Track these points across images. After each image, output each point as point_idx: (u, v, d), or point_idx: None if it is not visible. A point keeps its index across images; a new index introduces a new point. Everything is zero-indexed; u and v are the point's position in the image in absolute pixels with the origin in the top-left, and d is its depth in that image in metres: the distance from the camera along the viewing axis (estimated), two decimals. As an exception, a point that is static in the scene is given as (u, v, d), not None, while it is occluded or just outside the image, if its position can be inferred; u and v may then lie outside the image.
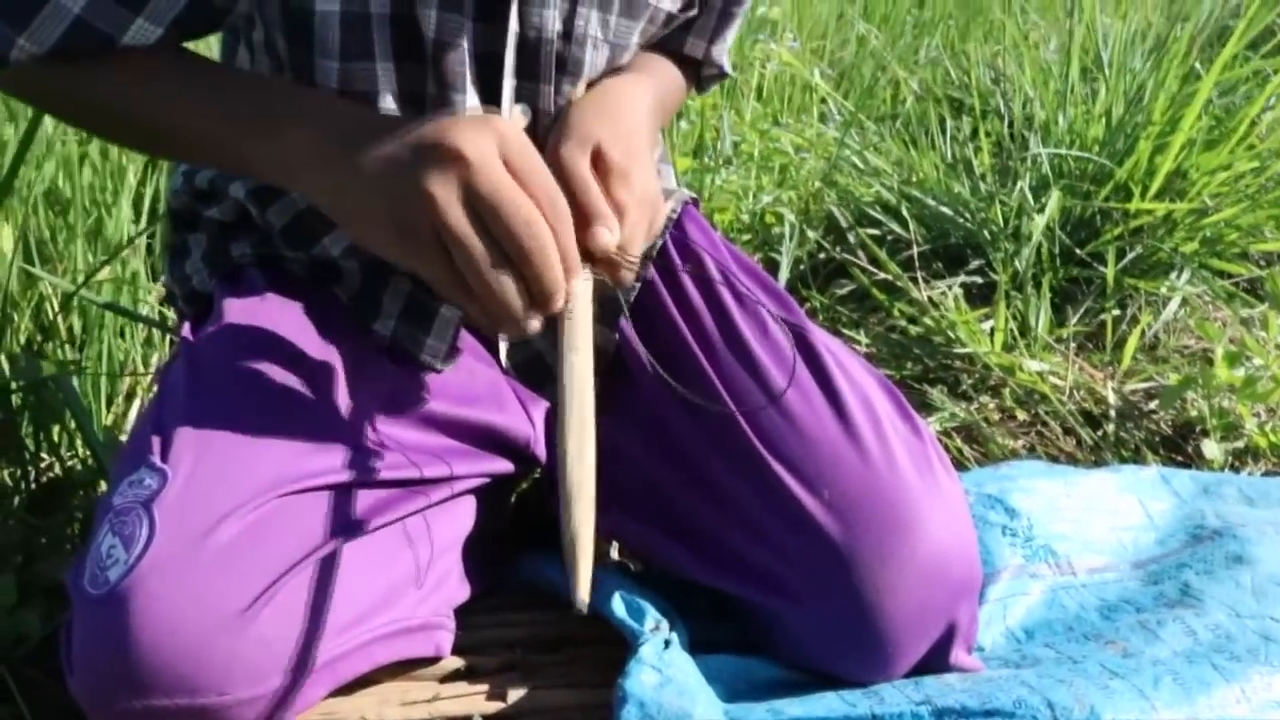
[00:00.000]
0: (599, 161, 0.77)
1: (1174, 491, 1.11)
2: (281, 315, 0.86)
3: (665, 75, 0.99)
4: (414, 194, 0.66)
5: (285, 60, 0.82)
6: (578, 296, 0.72)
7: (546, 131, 0.83)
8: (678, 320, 0.92)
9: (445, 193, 0.66)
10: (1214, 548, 1.01)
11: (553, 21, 0.83)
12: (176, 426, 0.75)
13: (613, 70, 0.92)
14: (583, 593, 0.65)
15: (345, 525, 0.77)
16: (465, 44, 0.81)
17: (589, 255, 0.74)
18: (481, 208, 0.66)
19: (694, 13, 0.95)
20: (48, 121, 1.65)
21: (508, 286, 0.67)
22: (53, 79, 0.81)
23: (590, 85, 0.89)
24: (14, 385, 1.17)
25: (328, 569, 0.74)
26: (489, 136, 0.67)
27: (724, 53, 1.04)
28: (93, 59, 0.79)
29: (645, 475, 0.91)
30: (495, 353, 0.96)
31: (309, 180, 0.73)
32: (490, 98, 0.84)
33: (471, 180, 0.66)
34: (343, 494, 0.77)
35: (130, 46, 0.78)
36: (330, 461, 0.77)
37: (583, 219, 0.73)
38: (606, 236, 0.74)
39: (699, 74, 1.06)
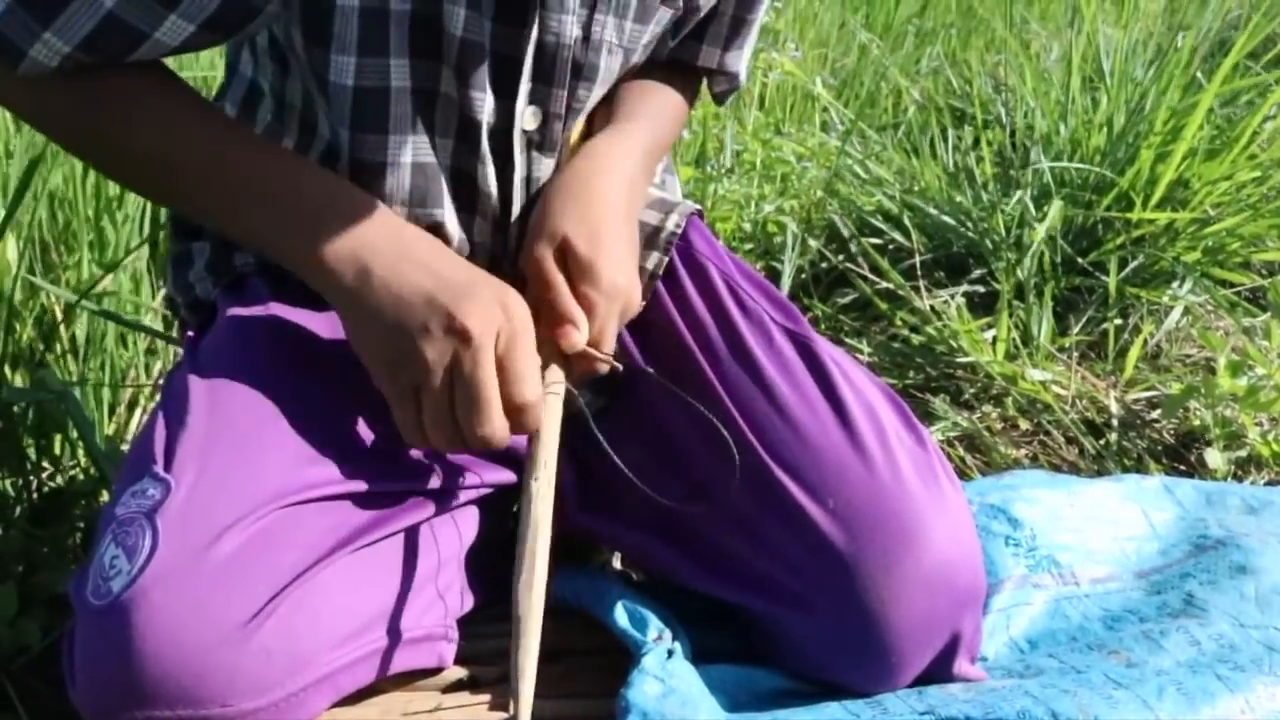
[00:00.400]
0: (566, 256, 0.83)
1: (1177, 501, 1.10)
2: (284, 324, 0.86)
3: (660, 110, 0.98)
4: (412, 350, 0.74)
5: (300, 57, 0.82)
6: (546, 418, 0.79)
7: (555, 133, 0.86)
8: (682, 330, 0.92)
9: (437, 359, 0.74)
10: (1217, 558, 1.01)
11: (571, 27, 0.83)
12: (180, 437, 0.75)
13: (624, 75, 0.92)
14: (526, 710, 0.71)
15: (348, 536, 0.76)
16: (486, 44, 0.81)
17: (562, 354, 0.81)
18: (457, 384, 0.74)
19: (700, 14, 0.94)
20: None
21: (459, 441, 0.76)
22: (64, 96, 0.79)
23: (583, 137, 0.93)
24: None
25: (330, 580, 0.74)
26: (495, 323, 0.75)
27: (740, 61, 1.04)
28: (103, 84, 0.78)
29: (646, 483, 0.91)
30: None
31: (325, 281, 0.78)
32: (503, 98, 0.84)
33: (463, 360, 0.74)
34: (346, 505, 0.77)
35: (148, 64, 0.79)
36: (333, 472, 0.77)
37: (554, 319, 0.81)
38: (575, 336, 0.81)
39: (711, 85, 1.06)
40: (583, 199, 0.86)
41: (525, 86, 0.84)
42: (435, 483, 0.84)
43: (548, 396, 0.79)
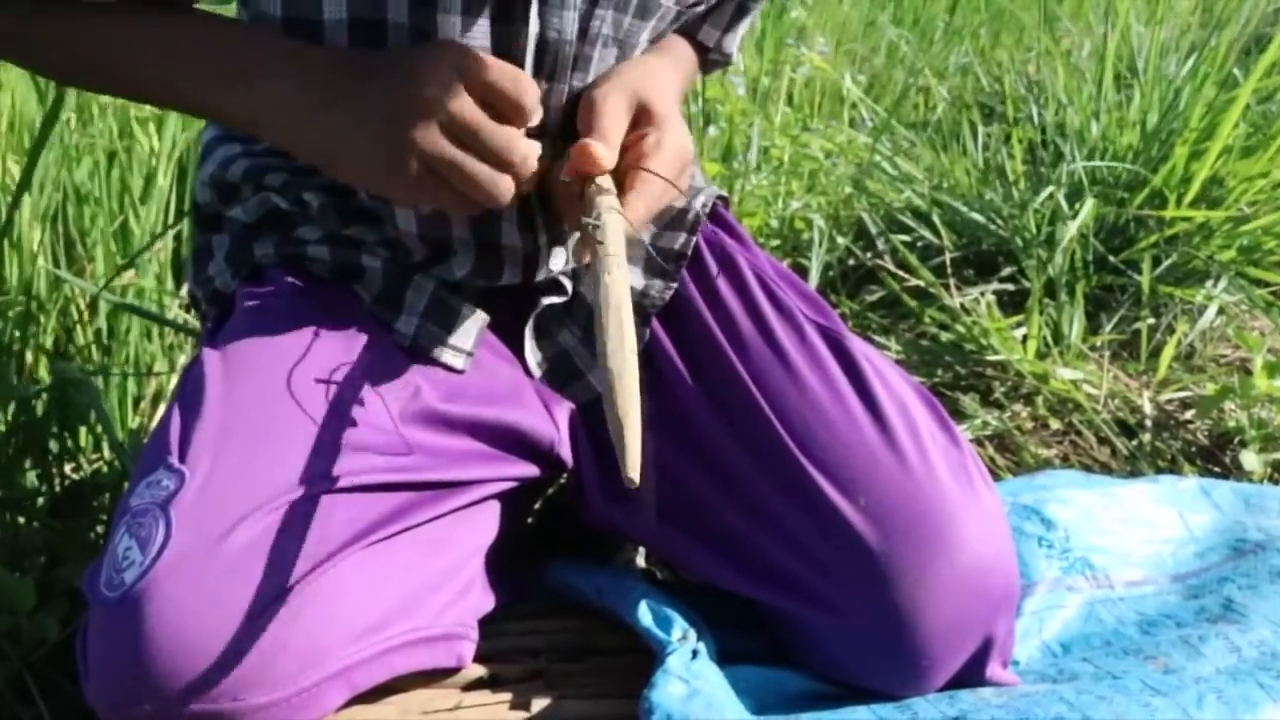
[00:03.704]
0: (640, 111, 0.82)
1: (1214, 504, 1.08)
2: (303, 316, 0.85)
3: (685, 58, 0.99)
4: (398, 143, 0.73)
5: None
6: (607, 226, 0.74)
7: (555, 126, 0.84)
8: (712, 323, 0.91)
9: (427, 135, 0.73)
10: (1257, 562, 0.99)
11: (572, 23, 0.82)
12: (195, 427, 0.74)
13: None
14: (631, 469, 0.62)
15: (364, 530, 0.75)
16: (487, 46, 0.80)
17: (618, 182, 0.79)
18: (462, 132, 0.73)
19: (701, 8, 0.94)
20: (74, 124, 1.66)
21: (500, 181, 0.75)
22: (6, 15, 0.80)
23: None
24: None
25: (346, 574, 0.73)
26: (449, 71, 0.74)
27: (734, 42, 1.04)
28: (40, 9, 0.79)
29: (673, 478, 0.89)
30: (519, 352, 0.95)
31: (286, 131, 0.78)
32: None
33: (447, 116, 0.73)
34: (362, 498, 0.76)
35: None
36: (350, 464, 0.76)
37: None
38: (599, 151, 0.78)
39: (706, 58, 1.06)
40: (654, 75, 0.86)
41: None
42: (453, 476, 0.82)
43: (607, 213, 0.74)
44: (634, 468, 0.61)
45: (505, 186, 0.76)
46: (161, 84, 0.81)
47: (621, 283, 0.70)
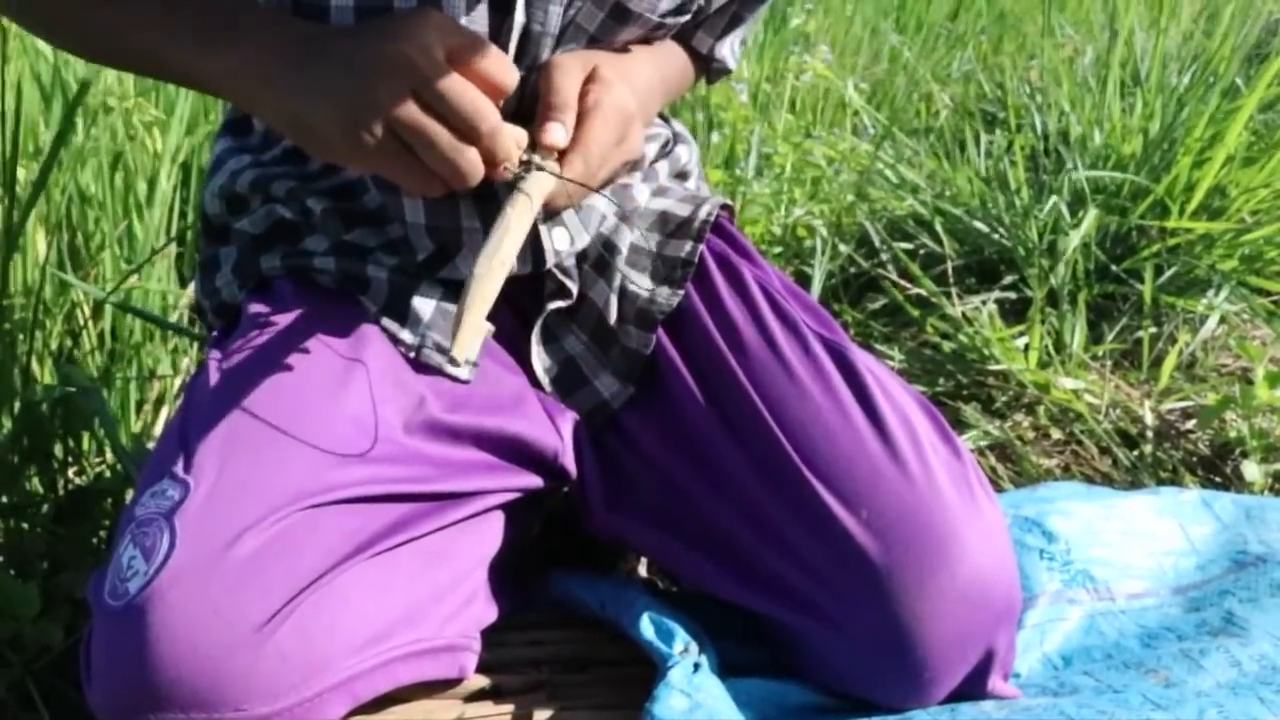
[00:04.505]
0: (589, 75, 0.83)
1: (1215, 515, 1.08)
2: (308, 327, 0.85)
3: (669, 55, 1.00)
4: (365, 104, 0.72)
5: None
6: (532, 178, 0.77)
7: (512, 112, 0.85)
8: (716, 334, 0.91)
9: (396, 96, 0.72)
10: (1258, 574, 0.99)
11: (556, 17, 0.84)
12: (200, 437, 0.74)
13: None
14: (456, 350, 0.70)
15: (368, 540, 0.75)
16: (485, 31, 0.82)
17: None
18: (431, 98, 0.73)
19: (686, 17, 0.94)
20: (79, 126, 1.66)
21: (464, 153, 0.74)
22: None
23: None
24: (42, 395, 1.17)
25: (348, 585, 0.73)
26: (432, 33, 0.74)
27: (729, 50, 1.05)
28: None
29: (676, 487, 0.90)
30: (523, 362, 0.95)
31: (252, 92, 0.78)
32: None
33: (420, 80, 0.72)
34: (366, 508, 0.76)
35: None
36: (354, 475, 0.76)
37: (545, 115, 0.80)
38: (556, 132, 0.79)
39: (708, 67, 1.07)
40: (617, 55, 0.88)
41: None
42: (458, 487, 0.83)
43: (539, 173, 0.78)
44: (459, 351, 0.69)
45: (469, 159, 0.75)
46: (136, 44, 0.83)
47: (522, 217, 0.75)
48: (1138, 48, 2.32)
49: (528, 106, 0.84)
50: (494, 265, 0.73)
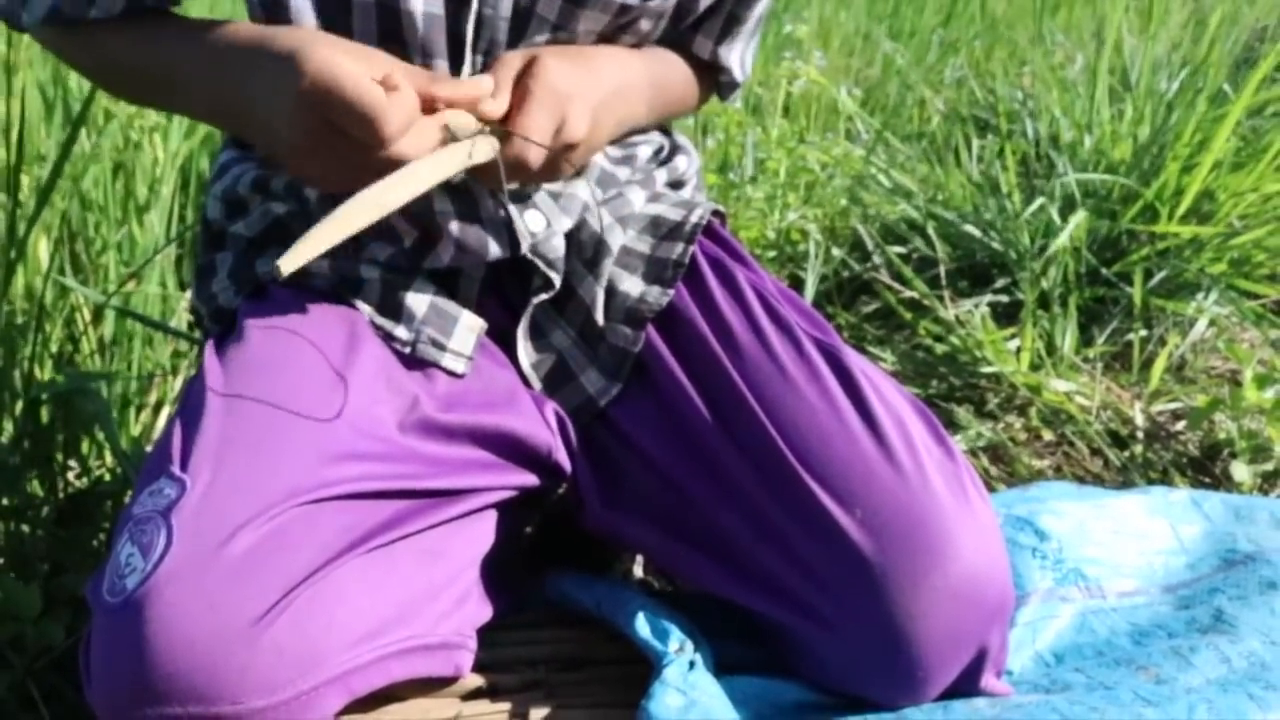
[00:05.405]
0: (530, 60, 0.85)
1: (1205, 515, 1.09)
2: (302, 329, 0.86)
3: (663, 60, 1.01)
4: (291, 143, 0.77)
5: None
6: (473, 142, 0.80)
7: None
8: (710, 336, 0.92)
9: (302, 129, 0.76)
10: (1247, 573, 1.00)
11: (508, 2, 0.86)
12: (196, 437, 0.75)
13: None
14: (286, 259, 0.72)
15: (362, 536, 0.76)
16: (444, 20, 0.85)
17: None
18: (333, 119, 0.75)
19: (664, 3, 0.94)
20: (82, 134, 1.66)
21: (376, 160, 0.76)
22: (65, 40, 0.91)
23: None
24: (44, 397, 1.17)
25: (343, 580, 0.74)
26: (331, 53, 0.75)
27: (732, 56, 1.05)
28: (87, 34, 0.88)
29: (672, 486, 0.90)
30: (514, 359, 0.96)
31: (241, 131, 0.86)
32: (454, 69, 0.88)
33: (321, 105, 0.75)
34: (361, 505, 0.77)
35: (100, 19, 0.87)
36: (348, 472, 0.77)
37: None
38: (485, 102, 0.81)
39: (717, 79, 1.07)
40: (577, 49, 0.90)
41: (470, 58, 0.88)
42: (452, 484, 0.84)
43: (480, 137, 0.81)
44: (285, 261, 0.72)
45: (380, 161, 0.76)
46: (153, 79, 0.88)
47: (431, 168, 0.78)
48: (1127, 54, 2.33)
49: None
50: (370, 195, 0.76)
